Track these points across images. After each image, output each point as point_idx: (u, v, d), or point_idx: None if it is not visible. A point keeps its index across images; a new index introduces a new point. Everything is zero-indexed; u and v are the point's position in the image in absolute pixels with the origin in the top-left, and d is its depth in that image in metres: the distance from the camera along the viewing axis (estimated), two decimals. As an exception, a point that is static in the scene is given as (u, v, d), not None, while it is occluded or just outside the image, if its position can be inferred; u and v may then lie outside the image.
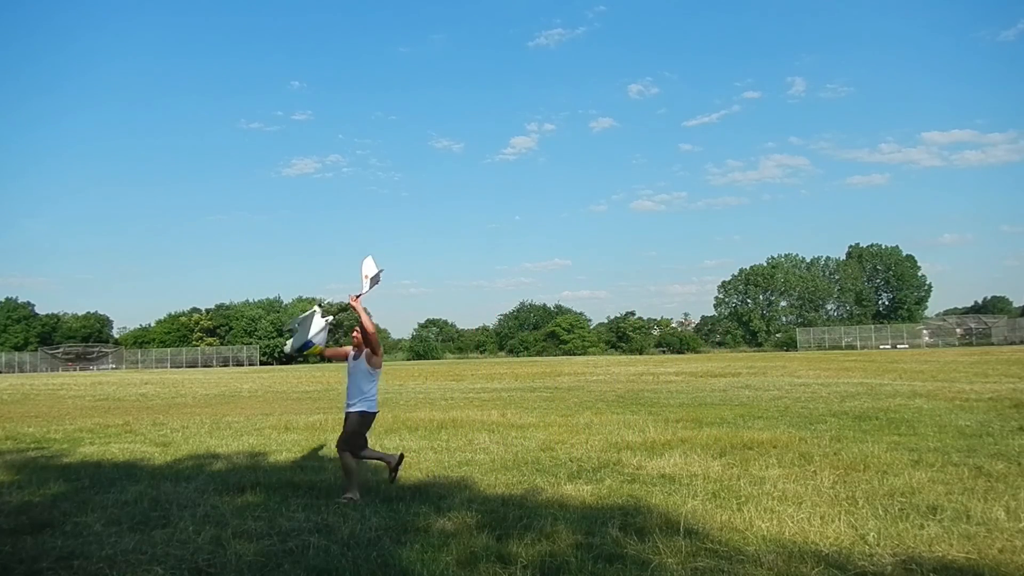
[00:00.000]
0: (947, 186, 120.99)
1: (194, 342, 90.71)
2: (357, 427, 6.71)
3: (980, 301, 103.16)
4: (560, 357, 75.06)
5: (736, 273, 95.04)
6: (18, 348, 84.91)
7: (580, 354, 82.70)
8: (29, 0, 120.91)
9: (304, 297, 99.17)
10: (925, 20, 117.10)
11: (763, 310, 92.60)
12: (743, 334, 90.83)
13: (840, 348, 72.48)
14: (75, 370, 74.99)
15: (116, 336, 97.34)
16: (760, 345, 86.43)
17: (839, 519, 5.42)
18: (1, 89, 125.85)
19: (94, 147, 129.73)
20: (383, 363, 6.88)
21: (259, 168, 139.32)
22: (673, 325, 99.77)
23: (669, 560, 4.65)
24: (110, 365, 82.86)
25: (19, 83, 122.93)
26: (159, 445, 10.91)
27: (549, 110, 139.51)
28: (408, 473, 8.01)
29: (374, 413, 6.91)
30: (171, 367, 77.84)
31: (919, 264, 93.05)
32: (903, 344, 72.51)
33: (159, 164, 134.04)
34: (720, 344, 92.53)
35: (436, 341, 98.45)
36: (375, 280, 6.78)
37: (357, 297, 6.73)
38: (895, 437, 9.71)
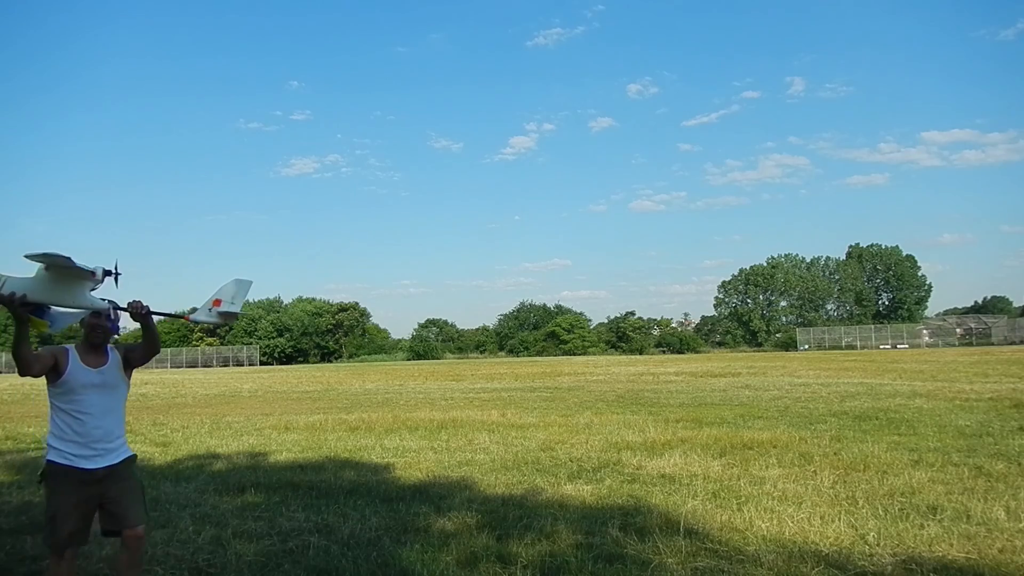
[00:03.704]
0: (947, 186, 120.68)
1: (194, 342, 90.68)
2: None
3: (980, 301, 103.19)
4: (560, 357, 75.07)
5: (736, 273, 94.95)
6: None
7: (580, 354, 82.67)
8: (28, 0, 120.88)
9: (304, 297, 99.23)
10: (925, 20, 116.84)
11: (763, 310, 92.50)
12: (743, 334, 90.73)
13: (840, 348, 72.47)
14: (75, 370, 74.93)
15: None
16: (760, 345, 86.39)
17: (839, 519, 5.42)
18: (1, 89, 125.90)
19: (93, 147, 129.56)
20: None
21: (258, 168, 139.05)
22: (673, 325, 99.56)
23: (669, 560, 4.66)
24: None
25: (19, 83, 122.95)
26: (159, 445, 10.91)
27: (548, 110, 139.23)
28: (408, 473, 8.02)
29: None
30: (171, 367, 77.81)
31: (919, 264, 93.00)
32: (903, 344, 72.43)
33: (159, 164, 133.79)
34: (720, 344, 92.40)
35: (436, 341, 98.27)
36: (228, 316, 4.62)
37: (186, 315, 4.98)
38: (895, 437, 9.71)
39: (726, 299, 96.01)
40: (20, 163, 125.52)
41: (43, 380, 3.82)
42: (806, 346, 75.97)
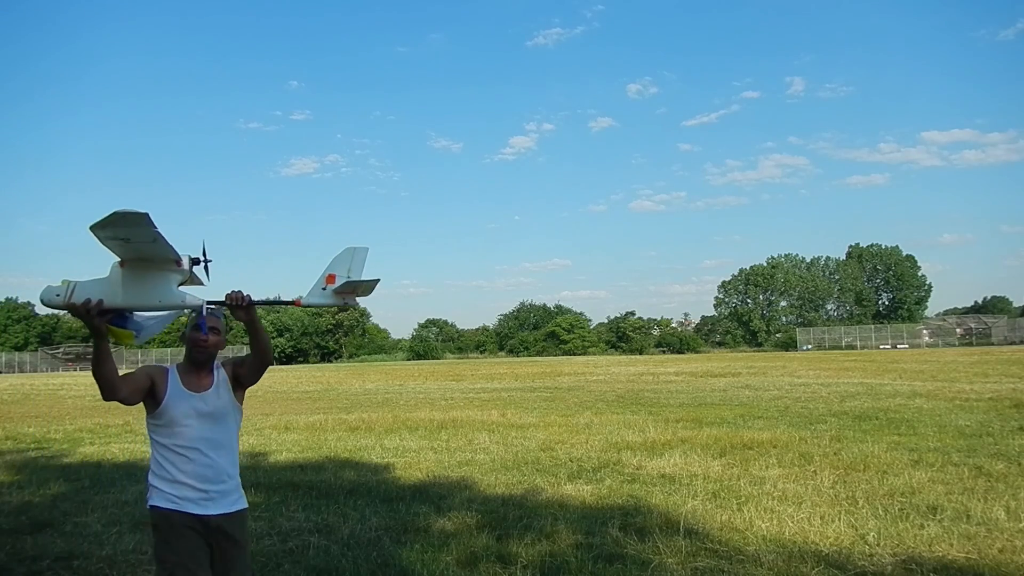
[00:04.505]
0: (947, 186, 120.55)
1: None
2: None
3: (980, 301, 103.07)
4: (560, 357, 75.06)
5: (736, 273, 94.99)
6: (18, 348, 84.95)
7: (580, 354, 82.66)
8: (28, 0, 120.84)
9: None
10: (925, 20, 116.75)
11: (763, 310, 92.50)
12: (743, 334, 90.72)
13: (840, 348, 72.46)
14: (75, 370, 75.01)
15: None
16: (760, 345, 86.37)
17: (839, 519, 5.42)
18: (1, 89, 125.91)
19: (93, 147, 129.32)
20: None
21: (258, 168, 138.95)
22: (673, 325, 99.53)
23: (669, 560, 4.65)
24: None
25: (19, 83, 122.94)
26: (159, 445, 10.90)
27: (548, 110, 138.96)
28: (408, 473, 8.02)
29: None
30: (171, 367, 77.73)
31: (919, 264, 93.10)
32: (903, 344, 72.38)
33: (158, 164, 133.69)
34: (720, 344, 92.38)
35: (436, 341, 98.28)
36: (349, 289, 3.70)
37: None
38: (895, 437, 9.71)
39: (726, 299, 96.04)
40: (20, 163, 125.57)
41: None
42: (808, 346, 75.94)
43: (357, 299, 3.76)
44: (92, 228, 2.93)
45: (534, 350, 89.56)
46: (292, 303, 3.62)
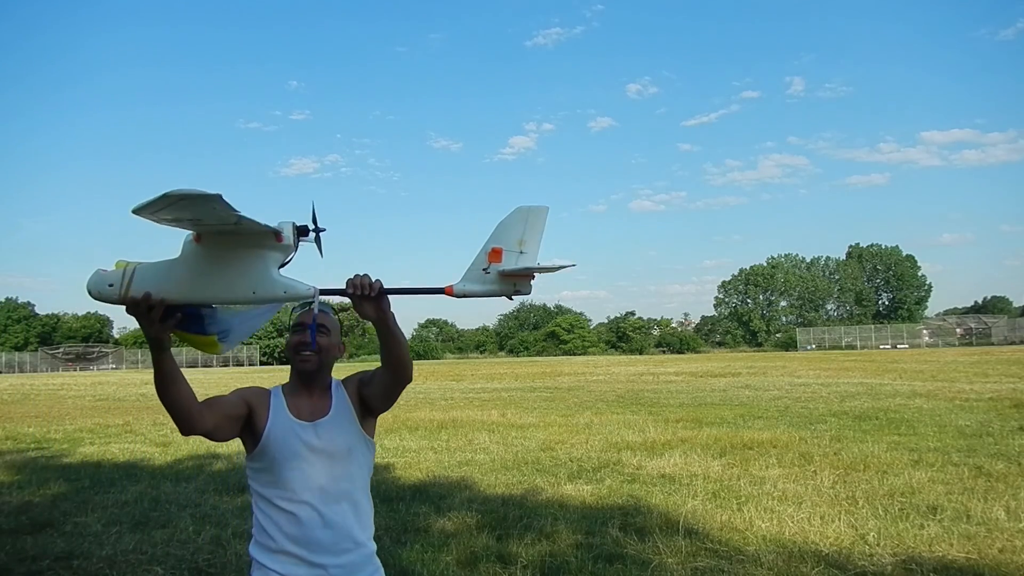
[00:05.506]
0: (947, 186, 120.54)
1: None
2: None
3: (980, 301, 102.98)
4: (560, 357, 75.04)
5: (736, 273, 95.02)
6: (18, 348, 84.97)
7: (580, 354, 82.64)
8: (29, 3, 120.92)
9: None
10: (924, 20, 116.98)
11: (763, 310, 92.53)
12: (743, 334, 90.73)
13: (840, 348, 72.46)
14: (75, 370, 75.02)
15: (116, 336, 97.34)
16: (760, 345, 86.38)
17: (839, 519, 5.42)
18: (1, 89, 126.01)
19: (93, 146, 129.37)
20: None
21: (257, 168, 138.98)
22: (673, 325, 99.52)
23: (669, 560, 4.66)
24: (110, 365, 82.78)
25: (15, 76, 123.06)
26: (159, 445, 10.91)
27: (548, 110, 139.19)
28: (408, 473, 8.02)
29: None
30: (171, 367, 77.59)
31: (919, 264, 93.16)
32: (903, 344, 72.33)
33: (158, 164, 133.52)
34: (720, 344, 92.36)
35: (436, 341, 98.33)
36: (524, 273, 2.60)
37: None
38: (895, 437, 9.71)
39: (726, 299, 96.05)
40: (20, 162, 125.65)
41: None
42: (812, 346, 75.92)
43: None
44: (135, 210, 1.99)
45: (534, 350, 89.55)
46: (442, 291, 2.55)
